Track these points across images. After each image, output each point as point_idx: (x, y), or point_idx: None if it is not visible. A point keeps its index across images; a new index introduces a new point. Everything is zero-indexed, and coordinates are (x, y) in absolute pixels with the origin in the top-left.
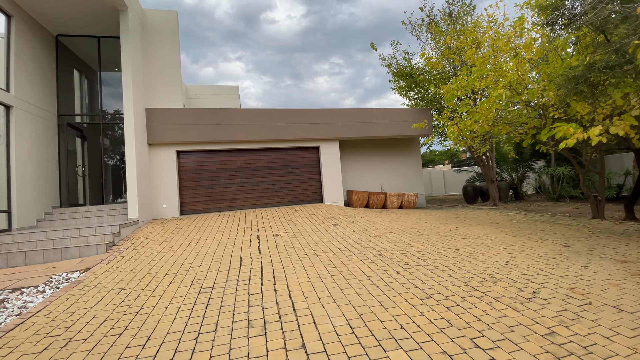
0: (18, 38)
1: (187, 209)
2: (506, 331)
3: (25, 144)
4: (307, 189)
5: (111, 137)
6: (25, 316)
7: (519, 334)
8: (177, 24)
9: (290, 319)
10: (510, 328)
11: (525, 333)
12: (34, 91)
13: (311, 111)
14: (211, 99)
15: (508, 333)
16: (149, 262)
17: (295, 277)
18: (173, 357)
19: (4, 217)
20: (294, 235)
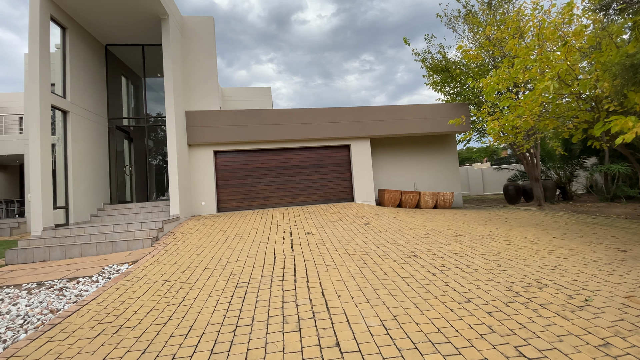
0: (72, 48)
1: (223, 206)
2: (554, 340)
3: (80, 146)
4: (337, 188)
5: (154, 138)
6: (81, 304)
7: (569, 344)
8: (213, 29)
9: (324, 316)
10: (559, 337)
11: (576, 343)
12: (87, 97)
13: (341, 109)
14: (245, 101)
15: (557, 343)
16: (190, 256)
17: (328, 275)
18: (213, 347)
19: (62, 212)
20: (325, 233)
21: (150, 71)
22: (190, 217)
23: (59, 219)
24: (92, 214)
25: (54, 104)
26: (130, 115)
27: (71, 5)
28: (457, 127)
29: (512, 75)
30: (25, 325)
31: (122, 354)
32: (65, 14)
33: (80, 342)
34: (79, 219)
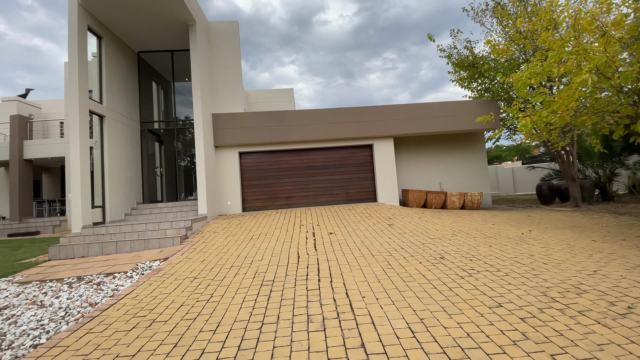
0: (107, 56)
1: (248, 206)
2: (594, 349)
3: (115, 149)
4: (360, 188)
5: (183, 140)
6: (117, 298)
7: (611, 354)
8: (238, 33)
9: (348, 317)
10: (599, 346)
11: (618, 353)
12: (121, 102)
13: (364, 109)
14: (268, 102)
15: (597, 352)
16: (217, 254)
17: (352, 275)
18: (240, 344)
19: (99, 211)
20: (348, 234)
21: (179, 76)
22: (217, 216)
23: (97, 217)
24: (127, 213)
25: (91, 109)
26: (161, 119)
27: (106, 15)
28: (486, 124)
29: (546, 69)
30: (67, 317)
31: (155, 346)
32: (101, 24)
33: (117, 335)
34: (114, 217)
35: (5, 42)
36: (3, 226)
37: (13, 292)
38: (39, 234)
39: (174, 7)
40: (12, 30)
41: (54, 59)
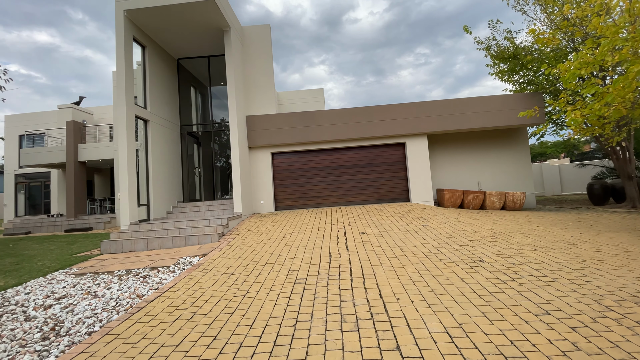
0: (150, 64)
1: (280, 205)
2: None
3: (158, 150)
4: (392, 187)
5: (219, 142)
6: (161, 290)
7: None
8: (270, 36)
9: (382, 318)
10: None
11: None
12: (163, 107)
13: (396, 106)
14: (299, 103)
15: None
16: (252, 251)
17: (385, 277)
18: (275, 340)
19: (144, 209)
20: (380, 234)
21: (215, 80)
22: (251, 214)
23: (142, 215)
24: (169, 211)
25: (137, 114)
26: (199, 122)
27: (149, 25)
28: (529, 119)
29: (598, 57)
30: (117, 307)
31: (196, 338)
32: (145, 34)
33: (162, 325)
34: (157, 215)
35: (60, 54)
36: (61, 222)
37: (70, 283)
38: (92, 229)
39: (211, 14)
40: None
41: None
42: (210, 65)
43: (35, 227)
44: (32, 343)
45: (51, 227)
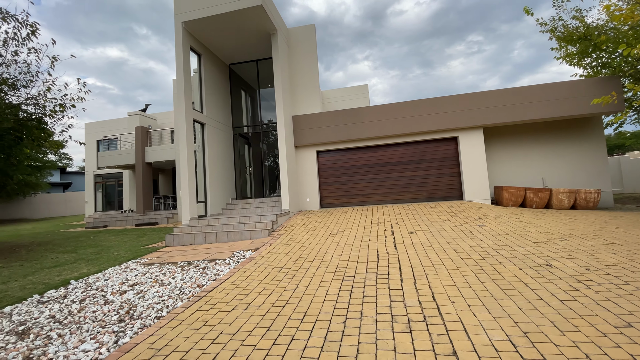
0: (205, 71)
1: (325, 202)
2: None
3: (213, 151)
4: (443, 185)
5: (267, 142)
6: (219, 281)
7: None
8: (314, 36)
9: (436, 321)
10: None
11: None
12: (217, 110)
13: (446, 98)
14: (343, 101)
15: None
16: (300, 247)
17: (438, 278)
18: (326, 335)
19: (202, 206)
20: (431, 234)
21: (263, 83)
22: (297, 211)
23: (200, 211)
24: (223, 207)
25: (195, 118)
26: (249, 123)
27: (204, 35)
28: (605, 107)
29: None
30: (181, 295)
31: (251, 328)
32: (200, 43)
33: (220, 314)
34: (214, 211)
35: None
36: (132, 217)
37: (141, 272)
38: (157, 224)
39: (259, 19)
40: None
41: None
42: (259, 68)
43: (111, 221)
44: (110, 324)
45: (124, 222)
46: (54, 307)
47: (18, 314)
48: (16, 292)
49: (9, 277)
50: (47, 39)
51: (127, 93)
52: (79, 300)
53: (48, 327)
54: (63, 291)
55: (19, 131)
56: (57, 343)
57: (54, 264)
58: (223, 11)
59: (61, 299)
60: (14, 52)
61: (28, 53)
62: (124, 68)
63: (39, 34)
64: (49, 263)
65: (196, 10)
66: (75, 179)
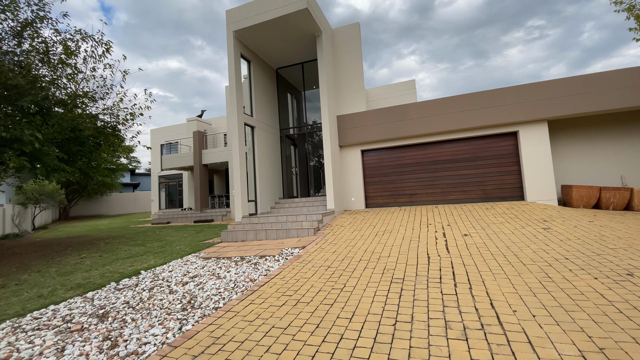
0: (255, 76)
1: (371, 202)
2: None
3: (262, 153)
4: (501, 184)
5: (312, 143)
6: (269, 277)
7: None
8: (359, 34)
9: (496, 330)
10: None
11: None
12: (266, 113)
13: (504, 90)
14: (388, 98)
15: None
16: (345, 247)
17: (496, 284)
18: (375, 337)
19: (252, 204)
20: (488, 237)
21: (308, 84)
22: (342, 211)
23: (251, 209)
24: (272, 206)
25: (246, 122)
26: (294, 125)
27: (253, 42)
28: None
29: None
30: (235, 288)
31: (301, 324)
32: (250, 50)
33: (272, 308)
34: (263, 209)
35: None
36: (190, 215)
37: (199, 265)
38: (213, 221)
39: (304, 22)
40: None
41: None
42: (304, 70)
43: (173, 218)
44: (174, 312)
45: (184, 219)
46: (127, 294)
47: (98, 299)
48: (97, 279)
49: (91, 266)
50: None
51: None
52: (148, 289)
53: (123, 311)
54: (135, 280)
55: (97, 138)
56: (131, 326)
57: (126, 255)
58: (270, 17)
59: (133, 287)
60: (92, 68)
61: (104, 68)
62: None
63: (112, 51)
64: (123, 254)
65: (246, 19)
66: (143, 179)
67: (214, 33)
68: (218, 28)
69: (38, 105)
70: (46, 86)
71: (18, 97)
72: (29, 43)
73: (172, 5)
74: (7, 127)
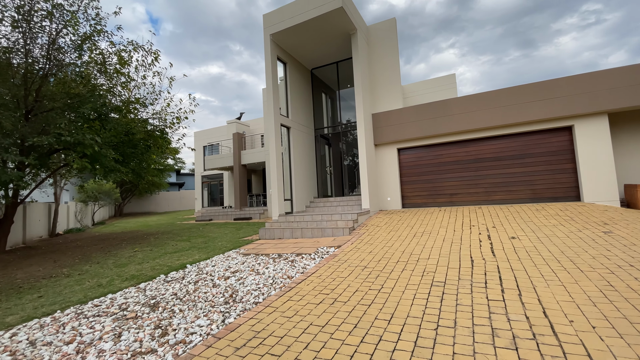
0: (290, 78)
1: (407, 202)
2: None
3: (298, 153)
4: (553, 183)
5: (346, 142)
6: (306, 274)
7: None
8: (395, 30)
9: (550, 341)
10: None
11: None
12: (301, 114)
13: (557, 81)
14: (426, 94)
15: None
16: (382, 247)
17: (550, 292)
18: (416, 340)
19: (288, 203)
20: (539, 240)
21: (343, 83)
22: (378, 211)
23: (287, 208)
24: (307, 205)
25: (282, 123)
26: (329, 125)
27: (289, 44)
28: None
29: None
30: (274, 284)
31: (338, 322)
32: (286, 52)
33: (309, 306)
34: (298, 208)
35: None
36: (231, 212)
37: (239, 261)
38: (251, 219)
39: (340, 21)
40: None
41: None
42: (339, 70)
43: (215, 215)
44: (218, 305)
45: (224, 216)
46: (175, 286)
47: (150, 289)
48: (148, 271)
49: (143, 259)
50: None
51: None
52: (194, 282)
53: (172, 302)
54: (181, 273)
55: (147, 140)
56: (179, 316)
57: (174, 250)
58: (306, 19)
59: (180, 280)
60: (142, 76)
61: (153, 76)
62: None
63: (160, 60)
64: (170, 249)
65: (282, 22)
66: (187, 179)
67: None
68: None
69: (97, 112)
70: (103, 94)
71: (80, 104)
72: (88, 55)
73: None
74: (71, 132)
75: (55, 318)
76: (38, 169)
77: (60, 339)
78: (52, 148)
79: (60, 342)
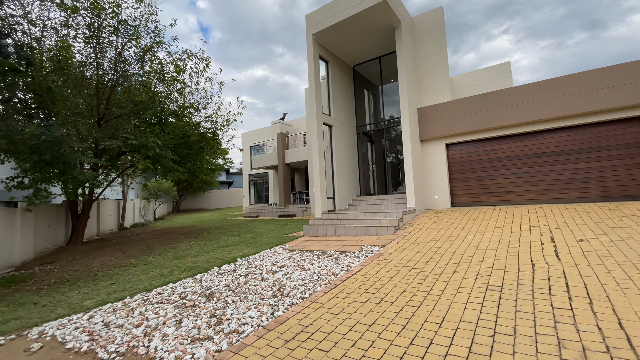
0: (332, 76)
1: (457, 201)
2: None
3: (340, 151)
4: (629, 179)
5: (389, 138)
6: (350, 272)
7: None
8: (442, 19)
9: (627, 356)
10: None
11: None
12: (342, 112)
13: (631, 65)
14: (477, 85)
15: None
16: (430, 248)
17: (626, 301)
18: (470, 346)
19: (331, 201)
20: (613, 243)
21: (386, 78)
22: (424, 210)
23: (330, 205)
24: (349, 203)
25: (324, 121)
26: (371, 121)
27: (331, 42)
28: None
29: None
30: (319, 281)
31: (386, 323)
32: (328, 51)
33: (355, 304)
34: (341, 206)
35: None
36: (276, 209)
37: (285, 256)
38: (295, 216)
39: (383, 15)
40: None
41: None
42: (382, 64)
43: (261, 212)
44: (267, 298)
45: (270, 213)
46: (227, 278)
47: (205, 280)
48: (203, 264)
49: (198, 252)
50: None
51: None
52: (244, 275)
53: (225, 293)
54: (233, 266)
55: (201, 142)
56: (232, 307)
57: (225, 244)
58: (349, 15)
59: (232, 272)
60: (196, 82)
61: (205, 82)
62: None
63: (211, 66)
64: (222, 243)
65: (324, 21)
66: (236, 178)
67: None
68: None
69: (157, 117)
70: (162, 100)
71: (143, 111)
72: (149, 65)
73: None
74: (136, 136)
75: (126, 303)
76: (109, 169)
77: (130, 322)
78: (120, 150)
79: (130, 325)
